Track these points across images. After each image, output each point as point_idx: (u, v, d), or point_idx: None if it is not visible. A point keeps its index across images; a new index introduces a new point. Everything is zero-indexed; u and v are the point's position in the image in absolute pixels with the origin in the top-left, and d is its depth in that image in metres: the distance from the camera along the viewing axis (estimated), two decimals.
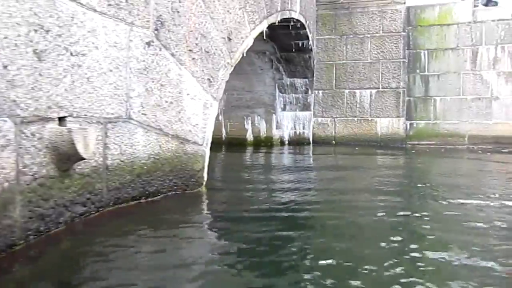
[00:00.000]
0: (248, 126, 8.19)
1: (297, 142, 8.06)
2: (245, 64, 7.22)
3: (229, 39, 3.61)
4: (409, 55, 7.86)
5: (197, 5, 3.17)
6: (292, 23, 5.45)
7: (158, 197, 2.87)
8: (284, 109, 7.93)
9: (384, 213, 2.68)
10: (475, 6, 7.79)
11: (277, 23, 4.61)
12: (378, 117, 7.81)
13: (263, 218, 2.67)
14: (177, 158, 3.03)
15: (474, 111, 7.54)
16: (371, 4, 7.73)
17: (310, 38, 6.38)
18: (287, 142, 8.11)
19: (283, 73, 7.31)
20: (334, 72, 7.95)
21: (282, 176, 4.67)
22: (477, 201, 3.02)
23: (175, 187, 3.04)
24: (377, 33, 7.74)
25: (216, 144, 8.33)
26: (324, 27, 7.95)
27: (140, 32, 2.66)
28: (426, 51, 7.77)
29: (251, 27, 3.96)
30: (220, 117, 8.23)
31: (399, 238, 2.15)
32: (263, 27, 4.23)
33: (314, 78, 7.92)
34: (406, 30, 7.80)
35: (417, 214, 2.66)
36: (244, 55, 3.91)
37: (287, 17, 4.94)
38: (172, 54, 2.95)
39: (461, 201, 3.05)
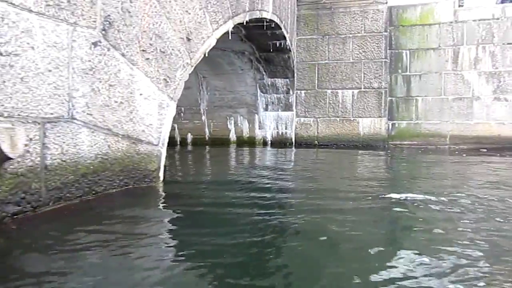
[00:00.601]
0: (231, 126, 8.21)
1: (280, 142, 8.07)
2: (225, 64, 7.25)
3: (189, 39, 3.62)
4: (391, 55, 7.85)
5: (151, 6, 3.18)
6: (265, 23, 5.45)
7: (107, 197, 2.88)
8: (266, 109, 7.94)
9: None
10: (460, 5, 7.80)
11: (245, 23, 4.61)
12: (360, 117, 7.81)
13: (218, 218, 2.66)
14: (128, 158, 3.04)
15: (455, 111, 7.54)
16: (353, 4, 7.73)
17: (287, 38, 6.37)
18: (269, 142, 8.12)
19: (264, 73, 7.31)
20: (317, 72, 7.95)
21: (247, 174, 4.68)
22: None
23: (127, 187, 3.04)
24: (359, 33, 7.74)
25: (200, 144, 8.46)
26: (306, 27, 7.96)
27: (85, 32, 2.66)
28: (408, 51, 7.77)
29: (214, 27, 3.97)
30: (203, 117, 8.27)
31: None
32: (228, 27, 4.23)
33: (296, 78, 7.93)
34: (388, 30, 7.80)
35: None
36: (206, 55, 3.91)
37: (258, 17, 4.94)
38: (123, 54, 2.96)
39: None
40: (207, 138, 8.35)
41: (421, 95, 7.72)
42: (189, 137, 8.39)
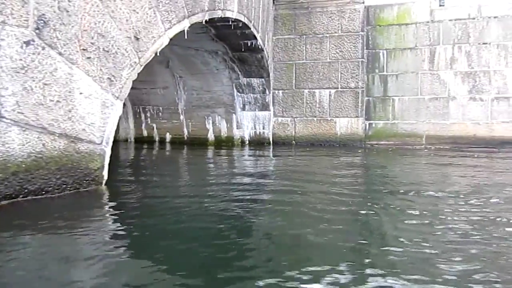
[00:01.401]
0: (209, 126, 8.21)
1: (258, 142, 8.06)
2: (200, 64, 7.25)
3: (137, 39, 3.62)
4: (368, 54, 7.84)
5: (93, 5, 3.18)
6: (231, 23, 5.45)
7: (43, 195, 2.88)
8: (243, 109, 7.93)
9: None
10: (440, 5, 7.79)
11: (204, 22, 4.61)
12: (337, 117, 7.80)
13: (158, 216, 2.66)
14: (66, 157, 3.04)
15: (432, 111, 7.52)
16: (330, 3, 7.72)
17: (258, 38, 6.37)
18: (247, 142, 8.11)
19: (239, 73, 7.30)
20: (294, 71, 7.94)
21: (202, 174, 4.68)
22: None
23: (65, 186, 3.05)
24: (336, 32, 7.73)
25: (178, 144, 8.46)
26: (284, 27, 7.95)
27: (15, 31, 2.67)
28: (385, 51, 7.76)
29: (166, 27, 3.97)
30: (182, 117, 8.28)
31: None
32: (183, 26, 4.23)
33: (274, 78, 7.93)
34: (365, 30, 7.79)
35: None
36: (158, 54, 3.91)
37: (220, 16, 4.94)
38: (60, 53, 2.96)
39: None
40: (185, 137, 8.35)
41: (398, 95, 7.70)
42: (168, 136, 8.40)
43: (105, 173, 3.39)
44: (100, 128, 3.31)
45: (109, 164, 3.44)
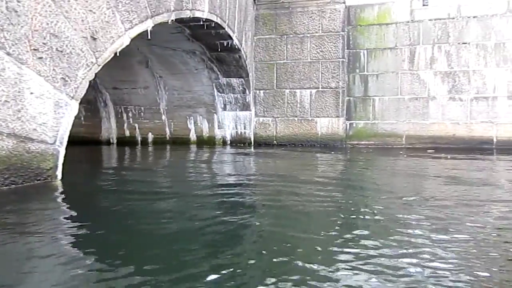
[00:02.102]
0: (191, 126, 8.22)
1: (239, 142, 8.07)
2: (180, 63, 7.26)
3: (94, 39, 3.63)
4: (349, 54, 7.84)
5: (44, 5, 3.18)
6: (202, 23, 5.44)
7: None
8: (224, 108, 7.94)
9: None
10: (424, 5, 7.79)
11: (170, 22, 4.61)
12: (318, 117, 7.80)
13: (108, 215, 2.66)
14: (15, 157, 3.05)
15: (411, 111, 7.51)
16: (310, 3, 7.72)
17: (234, 38, 6.36)
18: (229, 142, 8.12)
19: (218, 72, 7.31)
20: (275, 71, 7.94)
21: (165, 172, 4.68)
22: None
23: (14, 185, 3.05)
24: (316, 32, 7.73)
25: (161, 143, 8.47)
26: (265, 27, 7.96)
27: None
28: (365, 51, 7.75)
29: (127, 27, 3.97)
30: (164, 117, 8.28)
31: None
32: (147, 26, 4.23)
33: (255, 78, 7.94)
34: (346, 30, 7.79)
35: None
36: (118, 54, 3.92)
37: (189, 16, 4.94)
38: (8, 53, 2.96)
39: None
40: (168, 137, 8.36)
41: (378, 94, 7.70)
42: (150, 136, 8.40)
43: (59, 172, 3.40)
44: (53, 128, 3.32)
45: (73, 163, 3.45)
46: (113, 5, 3.80)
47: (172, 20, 4.62)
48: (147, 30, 4.25)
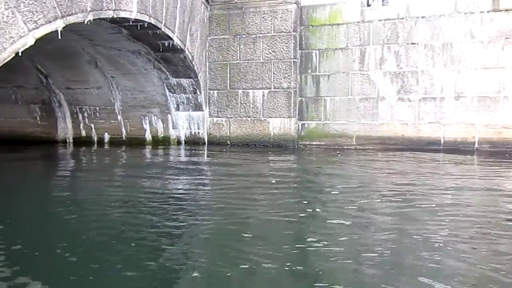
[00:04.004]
0: (146, 126, 8.23)
1: (193, 142, 8.08)
2: (128, 64, 7.27)
3: None
4: (301, 55, 7.83)
5: None
6: (131, 23, 5.44)
7: None
8: (178, 109, 7.94)
9: None
10: (383, 4, 7.77)
11: (87, 23, 4.61)
12: (271, 117, 7.78)
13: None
14: None
15: (362, 112, 7.48)
16: (263, 4, 7.71)
17: (175, 38, 6.35)
18: (183, 142, 8.13)
19: (167, 73, 7.31)
20: (228, 72, 7.94)
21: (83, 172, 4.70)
22: None
23: None
24: (269, 33, 7.71)
25: (117, 144, 8.49)
26: (218, 27, 7.95)
27: None
28: (317, 51, 7.73)
29: (31, 27, 3.97)
30: (119, 117, 8.30)
31: None
32: (55, 26, 4.22)
33: (208, 78, 7.95)
34: (299, 30, 7.77)
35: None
36: (20, 54, 3.92)
37: (112, 17, 4.93)
38: None
39: None
40: (124, 137, 8.38)
41: (330, 95, 7.67)
42: (106, 136, 8.42)
43: None
44: None
45: None
46: (13, 6, 3.81)
47: (90, 21, 4.61)
48: (57, 30, 4.24)
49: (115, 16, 5.01)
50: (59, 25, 4.29)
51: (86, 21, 4.60)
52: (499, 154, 6.42)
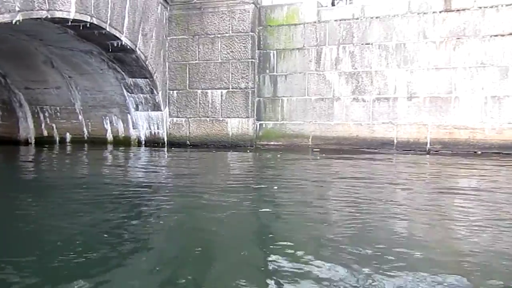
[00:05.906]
0: (107, 126, 8.25)
1: (153, 142, 8.09)
2: (83, 64, 7.29)
3: None
4: (260, 55, 7.83)
5: None
6: (70, 23, 5.44)
7: None
8: (137, 109, 7.95)
9: None
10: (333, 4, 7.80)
11: (16, 23, 4.61)
12: (229, 117, 7.79)
13: None
14: None
15: (318, 112, 7.48)
16: (221, 4, 7.72)
17: (123, 38, 6.36)
18: (143, 142, 8.14)
19: (123, 73, 7.32)
20: (188, 72, 7.95)
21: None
22: None
23: None
24: (227, 33, 7.72)
25: (79, 143, 8.51)
26: (177, 27, 7.97)
27: None
28: (275, 51, 7.74)
29: None
30: (80, 117, 8.33)
31: None
32: None
33: (166, 78, 7.96)
34: (257, 30, 7.78)
35: None
36: None
37: (45, 17, 4.94)
38: None
39: None
40: (86, 137, 8.40)
41: (287, 95, 7.68)
42: (68, 136, 8.45)
43: None
44: None
45: None
46: None
47: (19, 21, 4.62)
48: None
49: (49, 16, 5.02)
50: None
51: (14, 21, 4.61)
52: (452, 155, 6.42)
